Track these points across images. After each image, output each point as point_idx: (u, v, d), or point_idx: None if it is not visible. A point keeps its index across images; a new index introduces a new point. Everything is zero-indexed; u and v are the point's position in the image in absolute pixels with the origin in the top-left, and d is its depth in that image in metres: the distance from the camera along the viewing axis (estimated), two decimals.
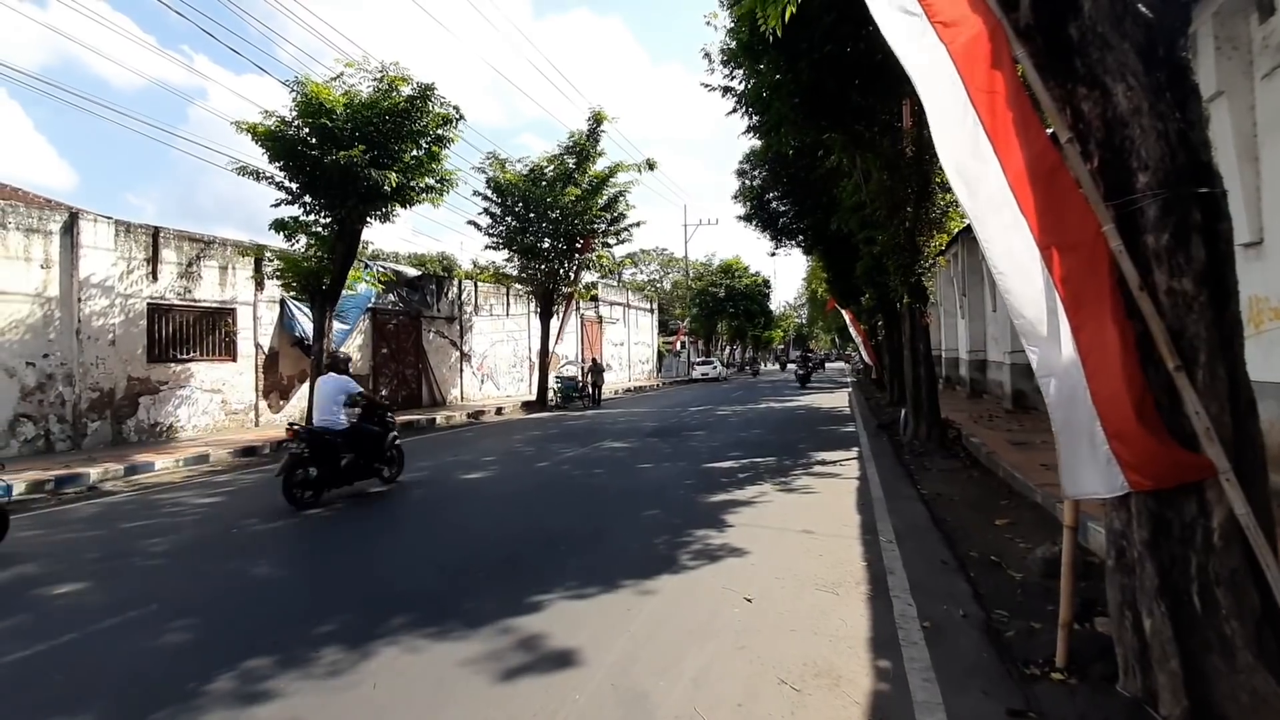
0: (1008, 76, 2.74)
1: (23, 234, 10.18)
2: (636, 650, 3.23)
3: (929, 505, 6.15)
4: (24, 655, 3.34)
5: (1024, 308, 2.71)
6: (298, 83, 11.35)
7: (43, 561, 5.01)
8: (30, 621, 3.81)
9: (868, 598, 3.85)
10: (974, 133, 2.79)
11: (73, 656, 3.34)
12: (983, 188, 2.78)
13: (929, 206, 9.56)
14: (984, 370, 17.17)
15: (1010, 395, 13.49)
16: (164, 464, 9.40)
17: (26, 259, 10.21)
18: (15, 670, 3.19)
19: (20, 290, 10.11)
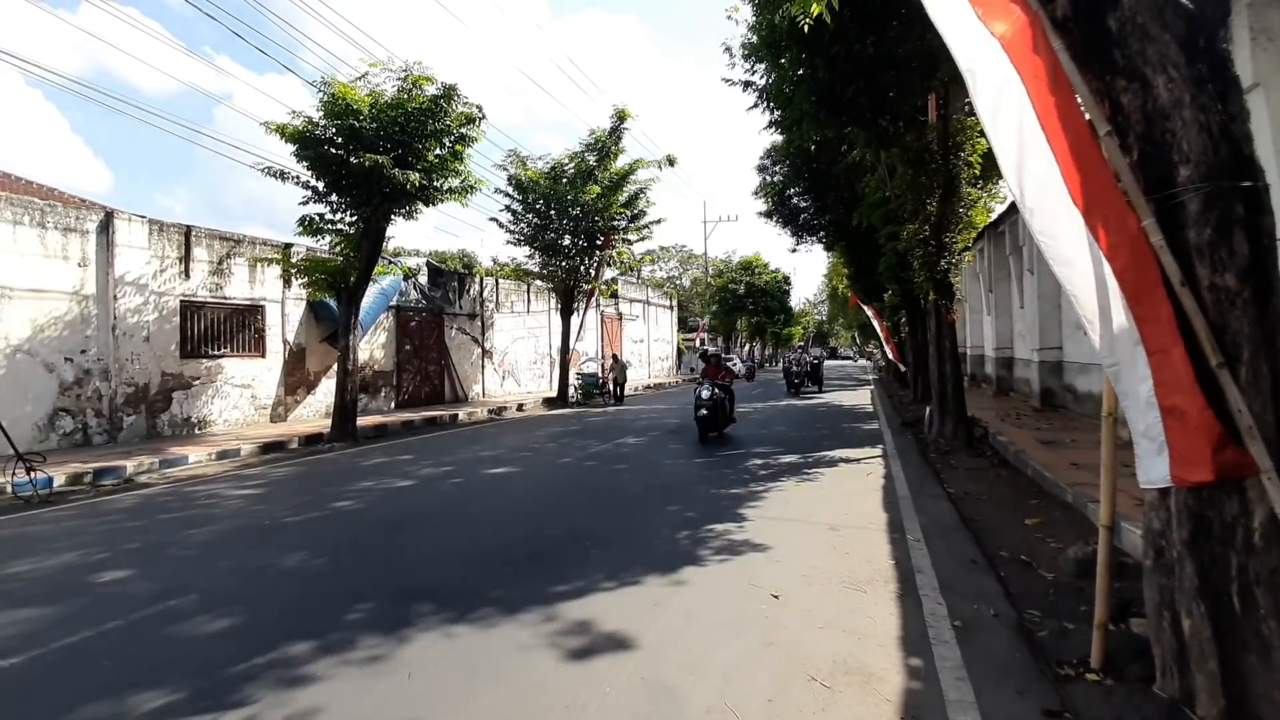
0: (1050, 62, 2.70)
1: (61, 233, 10.48)
2: (664, 645, 3.25)
3: (956, 503, 6.09)
4: (73, 641, 3.45)
5: (1087, 298, 2.66)
6: (324, 83, 11.51)
7: (86, 551, 5.17)
8: (77, 608, 3.94)
9: (896, 596, 3.83)
10: (1025, 118, 2.74)
11: (119, 642, 3.46)
12: (1037, 178, 2.73)
13: (955, 201, 9.44)
14: (1011, 368, 16.91)
15: (1038, 393, 13.28)
16: (197, 457, 9.63)
17: (65, 257, 10.50)
18: (66, 655, 3.31)
19: (59, 288, 10.41)
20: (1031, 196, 2.75)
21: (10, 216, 9.86)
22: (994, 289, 17.65)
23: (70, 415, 10.51)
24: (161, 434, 11.63)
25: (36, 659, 3.26)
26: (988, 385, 18.66)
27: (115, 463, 8.69)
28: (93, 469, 8.33)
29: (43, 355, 10.16)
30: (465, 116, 12.29)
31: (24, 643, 3.43)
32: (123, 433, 11.09)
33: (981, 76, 2.87)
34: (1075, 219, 2.59)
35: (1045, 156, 2.65)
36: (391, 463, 9.30)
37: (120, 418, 11.09)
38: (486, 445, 10.98)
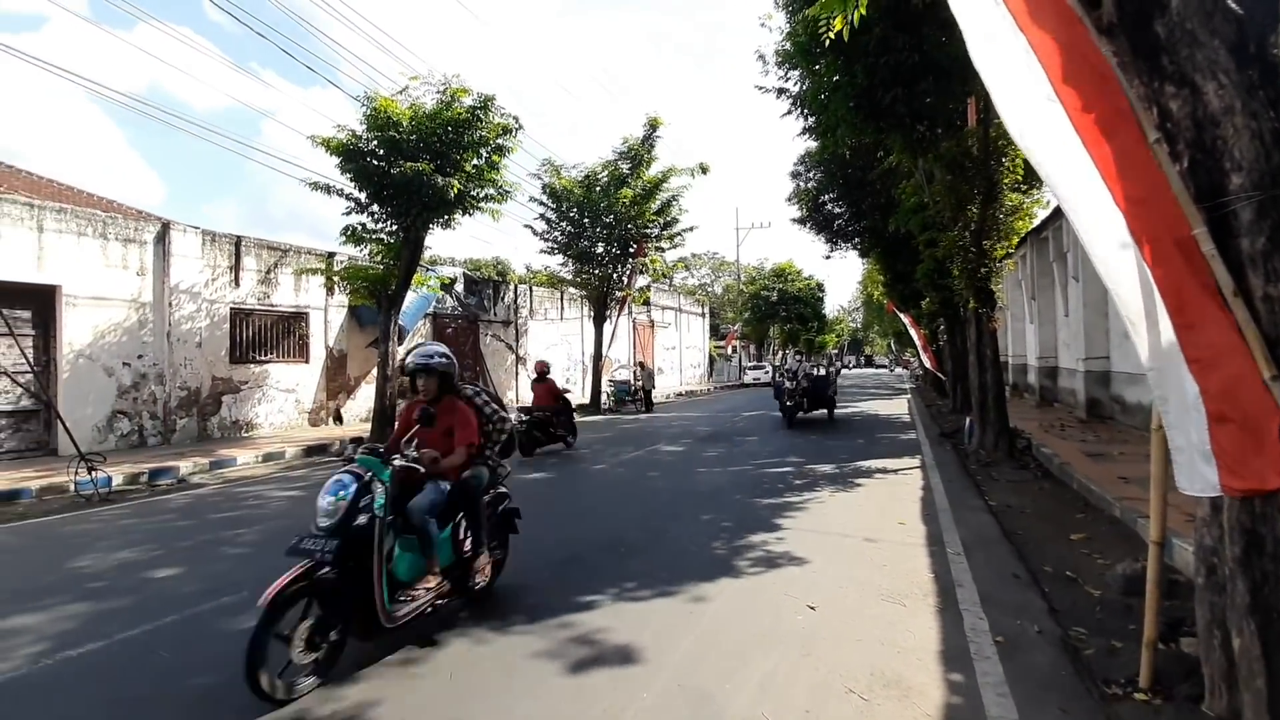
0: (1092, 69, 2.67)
1: (121, 244, 11.00)
2: (701, 653, 3.27)
3: (998, 517, 5.96)
4: (134, 634, 3.63)
5: (1130, 301, 2.62)
6: (367, 98, 11.88)
7: (143, 548, 5.41)
8: (135, 603, 4.14)
9: (936, 610, 3.77)
10: (1059, 125, 2.71)
11: (176, 636, 3.62)
12: (1073, 184, 2.70)
13: (996, 207, 9.26)
14: (1054, 377, 16.43)
15: (1084, 404, 12.87)
16: (244, 459, 9.98)
17: (124, 267, 11.03)
18: (128, 647, 3.48)
19: (119, 296, 10.92)
20: (1072, 202, 2.71)
21: (75, 228, 10.40)
22: (1037, 296, 17.20)
23: (127, 417, 10.99)
24: (211, 436, 12.08)
25: (100, 650, 3.43)
26: (1030, 395, 18.15)
27: (169, 463, 9.06)
28: (148, 469, 8.70)
29: (103, 360, 10.67)
30: (502, 127, 12.53)
31: (88, 634, 3.62)
32: (176, 434, 11.55)
33: (1006, 82, 2.84)
34: (1118, 225, 2.55)
35: (1083, 162, 2.62)
36: None
37: (174, 420, 11.57)
38: None
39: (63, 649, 3.42)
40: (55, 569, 4.91)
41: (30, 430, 9.98)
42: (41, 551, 5.52)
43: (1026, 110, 2.83)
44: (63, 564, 5.03)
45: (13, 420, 9.79)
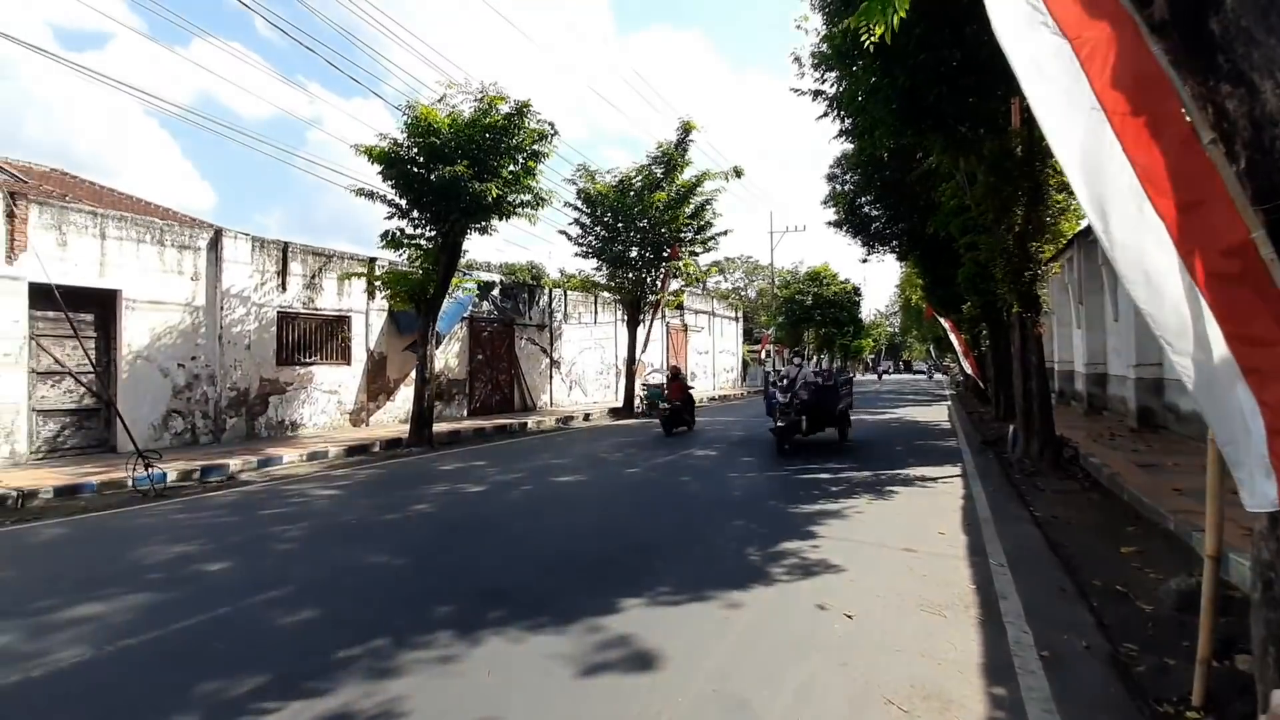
0: (1140, 72, 2.60)
1: (176, 250, 11.49)
2: (735, 659, 3.26)
3: (1043, 528, 5.78)
4: (189, 624, 3.78)
5: (1165, 317, 2.54)
6: (408, 106, 12.18)
7: (197, 542, 5.64)
8: (190, 594, 4.31)
9: (978, 622, 3.69)
10: (1099, 131, 2.66)
11: (227, 627, 3.76)
12: (1108, 189, 2.63)
13: (1041, 209, 9.01)
14: (1104, 385, 15.87)
15: (1135, 413, 12.40)
16: (290, 458, 10.30)
17: (179, 272, 11.50)
18: (183, 636, 3.63)
19: (174, 300, 11.40)
20: (1102, 208, 2.64)
21: (135, 235, 10.90)
22: (1085, 301, 16.64)
23: (181, 416, 11.45)
24: (259, 435, 12.50)
25: (157, 639, 3.59)
26: (1078, 403, 17.56)
27: (220, 461, 9.41)
28: (200, 466, 9.05)
29: (159, 361, 11.14)
30: (537, 133, 12.71)
31: (146, 624, 3.79)
32: (225, 433, 11.99)
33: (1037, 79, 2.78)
34: (1154, 232, 2.48)
35: (1120, 165, 2.55)
36: (465, 468, 9.66)
37: (224, 420, 12.01)
38: (555, 454, 11.23)
39: (125, 637, 3.59)
40: (116, 561, 5.15)
41: (92, 428, 10.48)
42: (103, 544, 5.80)
43: (1064, 118, 2.77)
44: (123, 556, 5.27)
45: (76, 418, 10.30)
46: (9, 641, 3.54)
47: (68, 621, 3.82)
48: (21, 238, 9.42)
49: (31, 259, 9.28)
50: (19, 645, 3.49)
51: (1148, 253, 2.54)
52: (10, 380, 9.33)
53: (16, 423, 9.42)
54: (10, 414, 9.34)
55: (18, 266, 9.38)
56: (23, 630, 3.69)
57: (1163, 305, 2.52)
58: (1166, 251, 2.48)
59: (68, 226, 10.08)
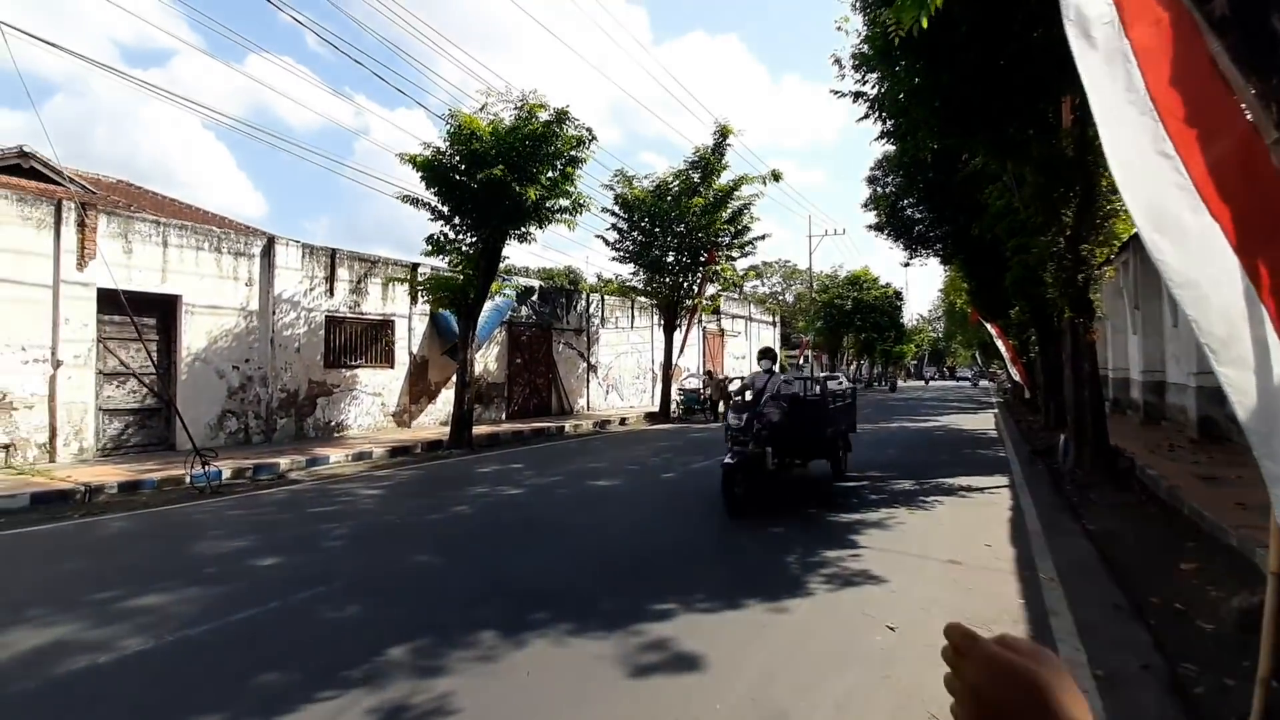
0: (1197, 69, 2.51)
1: (232, 257, 11.98)
2: (774, 667, 3.23)
3: (1097, 542, 5.56)
4: (244, 616, 3.94)
5: (1212, 325, 2.44)
6: (450, 115, 12.47)
7: (250, 538, 5.86)
8: (245, 587, 4.48)
9: (1027, 638, 3.57)
10: (1153, 130, 2.57)
11: (280, 620, 3.90)
12: (1157, 189, 2.55)
13: (1094, 210, 8.69)
14: (1161, 393, 15.19)
15: (1195, 423, 11.83)
16: (336, 458, 10.61)
17: (235, 278, 11.99)
18: (240, 628, 3.78)
19: (230, 305, 11.88)
20: (1150, 211, 2.55)
21: (194, 243, 11.41)
22: (1142, 305, 15.97)
23: (235, 417, 11.91)
24: (307, 435, 12.91)
25: (216, 630, 3.74)
26: (1134, 412, 16.85)
27: (270, 460, 9.76)
28: (252, 465, 9.39)
29: (215, 363, 11.62)
30: (575, 139, 12.85)
31: (205, 615, 3.95)
32: (276, 433, 12.42)
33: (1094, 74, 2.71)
34: (1206, 235, 2.38)
35: (1172, 166, 2.45)
36: (505, 471, 9.80)
37: (275, 420, 12.45)
38: (592, 458, 11.30)
39: (184, 627, 3.75)
40: (175, 554, 5.40)
41: (153, 427, 10.99)
42: (162, 538, 6.07)
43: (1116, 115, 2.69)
44: (181, 550, 5.52)
45: (139, 417, 10.81)
46: (79, 629, 3.73)
47: (132, 611, 4.01)
48: (91, 246, 9.96)
49: (100, 266, 9.80)
50: (88, 633, 3.68)
51: (1196, 257, 2.45)
52: (80, 381, 9.86)
53: (85, 421, 9.94)
54: (79, 413, 9.87)
55: (87, 273, 9.91)
56: (91, 618, 3.89)
57: (1209, 311, 2.43)
58: (1218, 256, 2.39)
59: (133, 235, 10.61)
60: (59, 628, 3.74)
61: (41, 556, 5.49)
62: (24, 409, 9.33)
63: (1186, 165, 2.46)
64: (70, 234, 9.82)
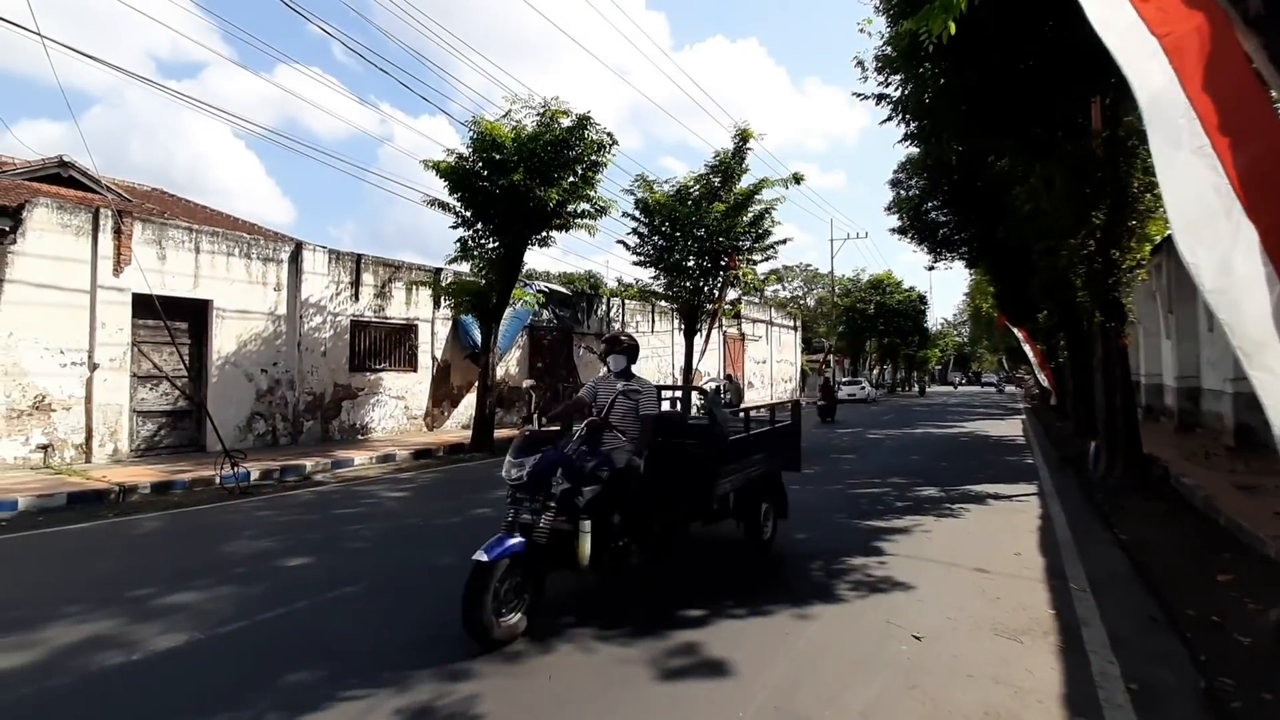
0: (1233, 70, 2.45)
1: (262, 262, 12.22)
2: (798, 675, 3.20)
3: (1129, 552, 5.43)
4: (272, 616, 4.00)
5: (1246, 329, 2.38)
6: (474, 122, 12.61)
7: (277, 538, 5.96)
8: (274, 587, 4.56)
9: (1058, 649, 3.50)
10: (1191, 130, 2.51)
11: (308, 619, 3.96)
12: (1193, 192, 2.49)
13: (1126, 213, 8.50)
14: (1197, 399, 14.78)
15: (1232, 430, 11.49)
16: (360, 460, 10.75)
17: (263, 283, 12.23)
18: (269, 627, 3.84)
19: (259, 309, 12.12)
20: (1183, 212, 2.49)
21: (225, 249, 11.67)
22: (1175, 309, 15.57)
23: (263, 419, 12.14)
24: (332, 438, 13.11)
25: (246, 628, 3.81)
26: (1167, 419, 16.42)
27: (297, 462, 9.92)
28: (279, 466, 9.56)
29: (244, 367, 11.86)
30: (596, 144, 12.92)
31: (235, 613, 4.03)
32: (303, 436, 12.63)
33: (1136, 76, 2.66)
34: (1244, 239, 2.32)
35: (1209, 165, 2.40)
36: None
37: (301, 422, 12.66)
38: None
39: (215, 625, 3.83)
40: (206, 553, 5.51)
41: (184, 428, 11.24)
42: (194, 538, 6.20)
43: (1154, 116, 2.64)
44: (212, 549, 5.63)
45: (170, 419, 11.07)
46: (115, 626, 3.83)
47: (165, 609, 4.10)
48: (127, 252, 10.24)
49: (135, 272, 10.07)
50: (123, 630, 3.77)
51: (1231, 260, 2.39)
52: (115, 383, 10.13)
53: (120, 422, 10.20)
54: (115, 414, 10.14)
55: (123, 279, 10.19)
56: (126, 615, 3.98)
57: (1243, 316, 2.38)
58: (1254, 260, 2.33)
59: (166, 242, 10.89)
60: (95, 624, 3.84)
61: (78, 555, 5.65)
62: (62, 410, 9.61)
63: (1224, 164, 2.41)
64: (107, 241, 10.11)
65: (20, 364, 9.23)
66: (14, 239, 9.25)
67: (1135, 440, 8.57)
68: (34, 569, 5.23)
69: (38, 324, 9.40)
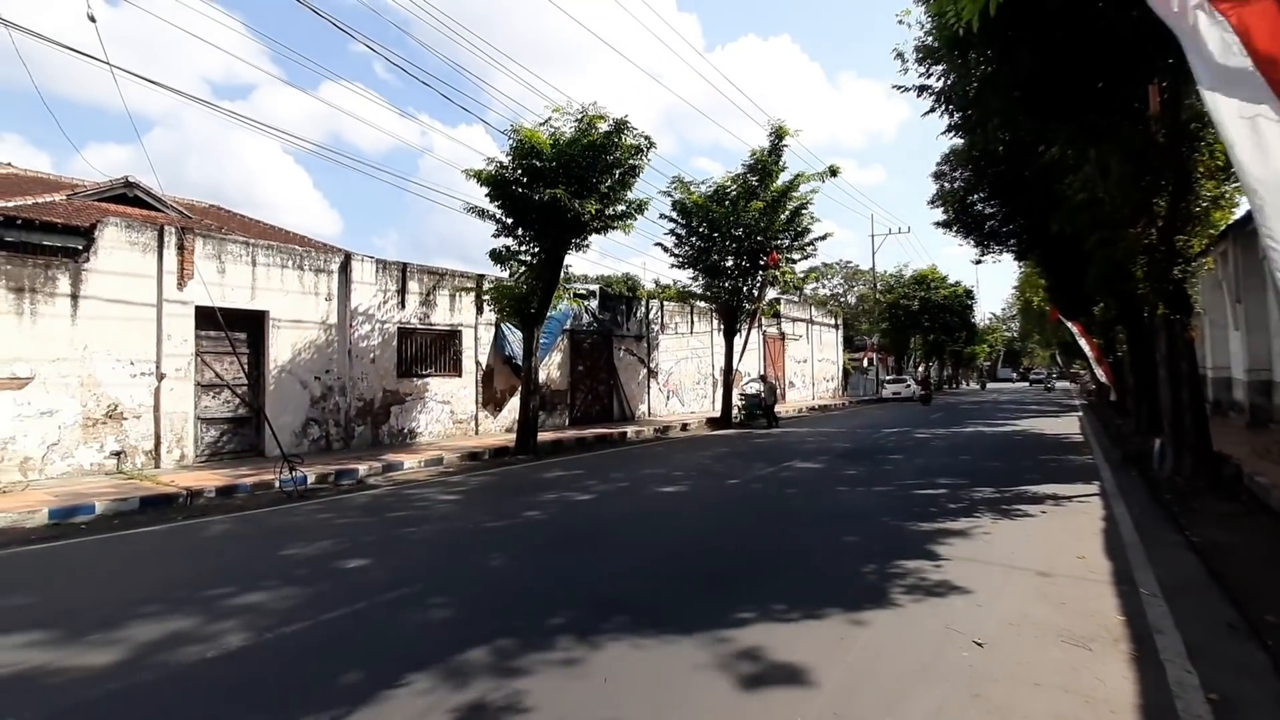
0: None
1: (314, 273, 12.66)
2: (856, 682, 3.15)
3: (1202, 555, 5.17)
4: (334, 616, 4.14)
5: None
6: (513, 130, 12.80)
7: (335, 540, 6.16)
8: (332, 588, 4.71)
9: (1130, 657, 3.35)
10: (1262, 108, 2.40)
11: (369, 619, 4.08)
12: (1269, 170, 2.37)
13: (1190, 199, 8.11)
14: (1269, 393, 13.99)
15: None
16: (410, 464, 11.02)
17: (315, 293, 12.66)
18: (333, 626, 3.98)
19: (311, 318, 12.55)
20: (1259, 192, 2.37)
21: (279, 261, 12.12)
22: (1244, 299, 14.76)
23: (317, 424, 12.57)
24: (382, 442, 13.48)
25: (311, 627, 3.95)
26: (1237, 414, 15.58)
27: (350, 466, 10.24)
28: (334, 470, 9.88)
29: (299, 374, 12.30)
30: (634, 148, 12.98)
31: (298, 614, 4.18)
32: (354, 440, 13.03)
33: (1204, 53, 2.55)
34: None
35: None
36: (570, 477, 9.94)
37: (353, 428, 13.06)
38: (656, 464, 11.32)
39: (281, 625, 3.98)
40: (270, 555, 5.73)
41: (244, 434, 11.72)
42: (258, 540, 6.46)
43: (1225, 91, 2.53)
44: (276, 551, 5.86)
45: (232, 426, 11.56)
46: (191, 624, 4.02)
47: (235, 608, 4.29)
48: (190, 267, 10.74)
49: (197, 285, 10.55)
50: (200, 628, 3.96)
51: None
52: (180, 392, 10.63)
53: (185, 429, 10.70)
54: (180, 421, 10.63)
55: (186, 292, 10.69)
56: (202, 614, 4.18)
57: None
58: None
59: (226, 256, 11.37)
60: (173, 622, 4.04)
61: (153, 556, 5.95)
62: (132, 419, 10.13)
63: None
64: (171, 256, 10.62)
65: (95, 375, 9.77)
66: (88, 257, 9.80)
67: (1204, 437, 8.16)
68: (114, 569, 5.53)
69: (110, 337, 9.94)
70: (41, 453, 9.23)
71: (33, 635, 3.87)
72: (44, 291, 9.35)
